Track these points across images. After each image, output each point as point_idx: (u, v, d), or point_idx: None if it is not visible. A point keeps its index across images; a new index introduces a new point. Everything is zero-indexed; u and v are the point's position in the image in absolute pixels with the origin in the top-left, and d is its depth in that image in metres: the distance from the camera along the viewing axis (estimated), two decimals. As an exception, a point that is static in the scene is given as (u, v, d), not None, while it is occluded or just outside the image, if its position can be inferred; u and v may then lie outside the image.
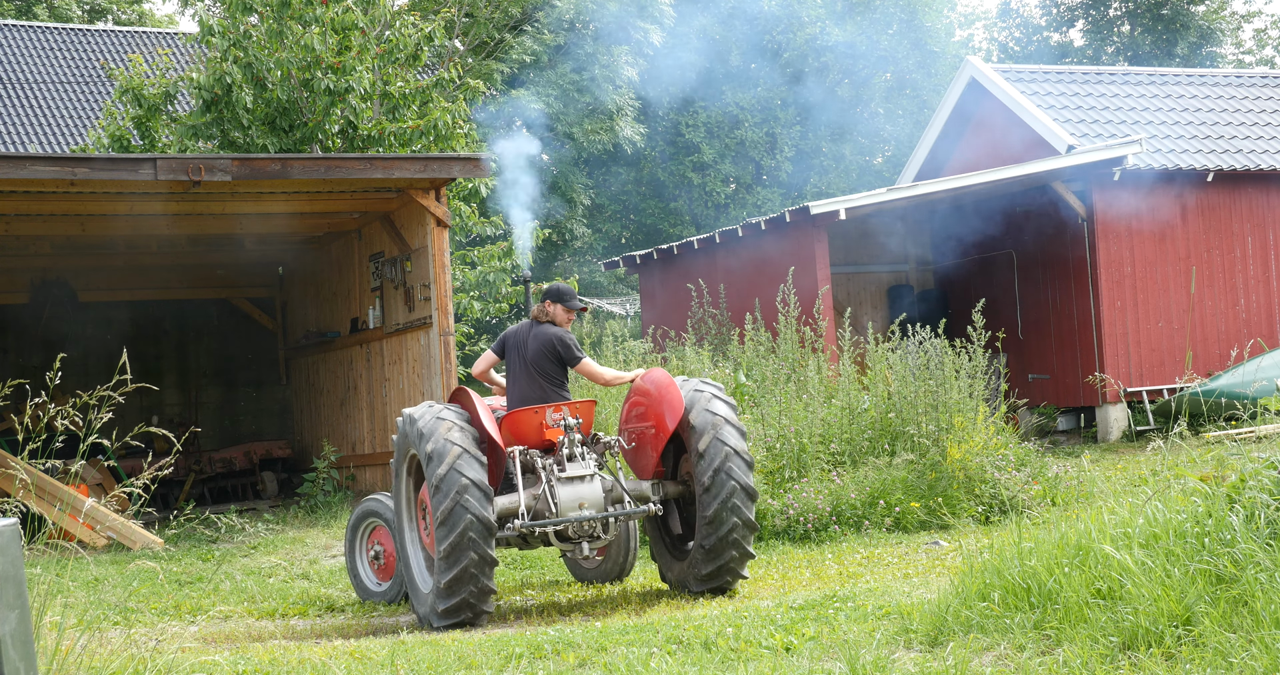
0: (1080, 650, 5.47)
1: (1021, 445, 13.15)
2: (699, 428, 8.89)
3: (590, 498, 8.84)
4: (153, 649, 6.06)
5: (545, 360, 9.24)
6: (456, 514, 8.38)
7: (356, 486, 16.72)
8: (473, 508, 8.38)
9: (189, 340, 20.52)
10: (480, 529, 8.40)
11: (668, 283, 21.77)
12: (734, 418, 8.97)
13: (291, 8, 17.80)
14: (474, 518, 8.38)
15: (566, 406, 9.08)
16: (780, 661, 6.12)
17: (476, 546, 8.40)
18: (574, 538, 8.88)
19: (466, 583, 8.44)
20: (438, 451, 8.50)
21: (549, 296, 9.43)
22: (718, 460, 8.80)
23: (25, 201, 14.62)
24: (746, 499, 8.86)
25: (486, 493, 8.47)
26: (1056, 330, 19.55)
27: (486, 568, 8.46)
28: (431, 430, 8.63)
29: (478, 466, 8.51)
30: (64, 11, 35.58)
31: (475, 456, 8.53)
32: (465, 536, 8.37)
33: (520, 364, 9.26)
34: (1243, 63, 44.18)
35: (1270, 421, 12.15)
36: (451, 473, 8.43)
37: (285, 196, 15.41)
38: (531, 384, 9.21)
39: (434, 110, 18.44)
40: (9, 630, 4.09)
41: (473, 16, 27.68)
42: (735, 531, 8.83)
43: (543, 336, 9.29)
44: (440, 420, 8.66)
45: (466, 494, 8.39)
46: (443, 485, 8.42)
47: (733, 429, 8.91)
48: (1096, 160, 18.31)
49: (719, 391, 9.13)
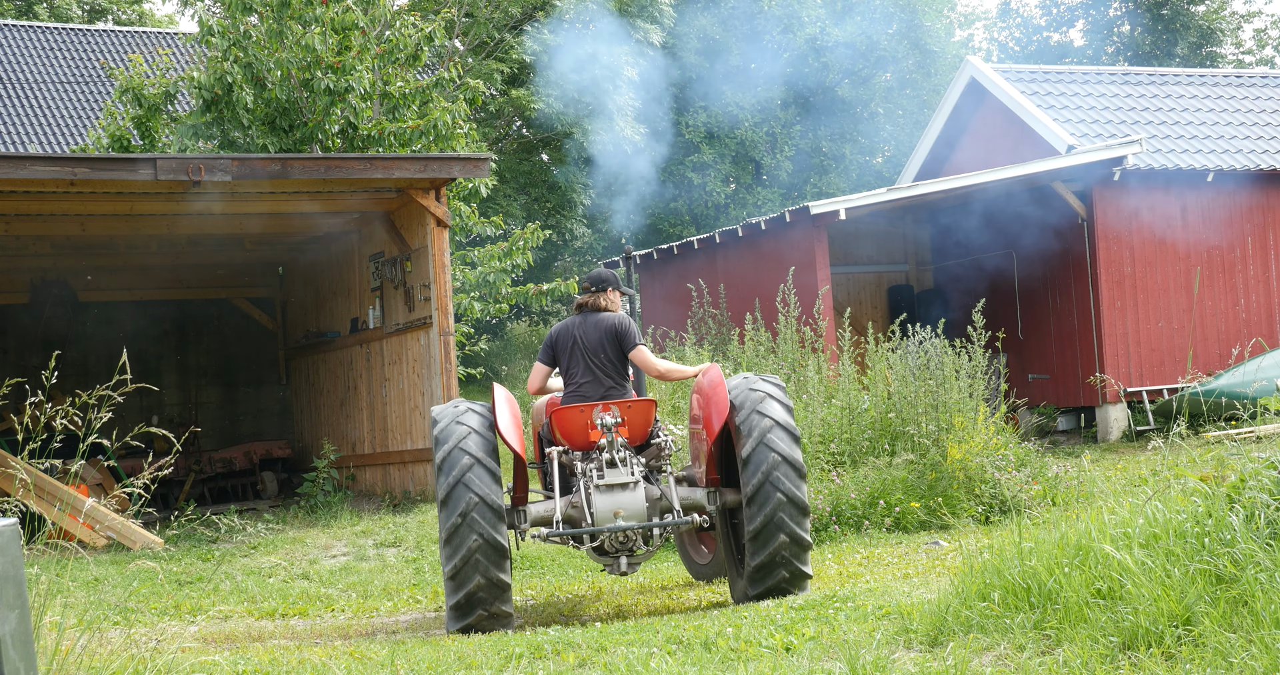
0: (1080, 650, 5.47)
1: (1021, 445, 13.15)
2: (745, 432, 8.12)
3: (630, 507, 8.11)
4: (153, 649, 6.06)
5: (607, 349, 8.59)
6: (462, 533, 7.80)
7: (356, 486, 16.72)
8: (479, 528, 7.78)
9: (189, 340, 20.52)
10: (488, 551, 7.80)
11: (668, 283, 21.78)
12: (788, 421, 8.16)
13: (291, 8, 17.80)
14: (480, 539, 7.78)
15: (617, 405, 8.38)
16: (780, 661, 6.12)
17: (484, 569, 7.81)
18: (609, 551, 8.18)
19: (475, 607, 7.88)
20: (447, 462, 7.94)
21: (598, 283, 8.77)
22: (764, 468, 8.00)
23: (25, 201, 14.62)
24: (796, 513, 8.00)
25: (497, 510, 7.85)
26: (1056, 330, 19.55)
27: (497, 591, 7.85)
28: (446, 436, 8.05)
29: (490, 480, 7.89)
30: (64, 11, 35.58)
31: (489, 468, 7.92)
32: (471, 558, 7.80)
33: (580, 359, 8.58)
34: (1243, 63, 44.17)
35: (1270, 421, 12.15)
36: (459, 487, 7.85)
37: (285, 196, 15.41)
38: (590, 379, 8.55)
39: (434, 110, 18.44)
40: (9, 630, 4.09)
41: (473, 16, 27.69)
42: (784, 549, 8.00)
43: (601, 324, 8.64)
44: (459, 425, 8.08)
45: (474, 512, 7.79)
46: (448, 501, 7.87)
47: (784, 433, 8.10)
48: (1096, 160, 18.32)
49: (776, 391, 8.32)
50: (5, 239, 16.74)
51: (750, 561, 8.06)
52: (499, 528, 7.83)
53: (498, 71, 27.66)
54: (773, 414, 8.13)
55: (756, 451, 8.04)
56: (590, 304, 8.75)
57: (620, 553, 8.15)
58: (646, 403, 8.52)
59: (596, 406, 8.35)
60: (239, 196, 15.01)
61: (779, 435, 8.07)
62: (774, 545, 7.97)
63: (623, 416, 8.36)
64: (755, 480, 8.00)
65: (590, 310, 8.75)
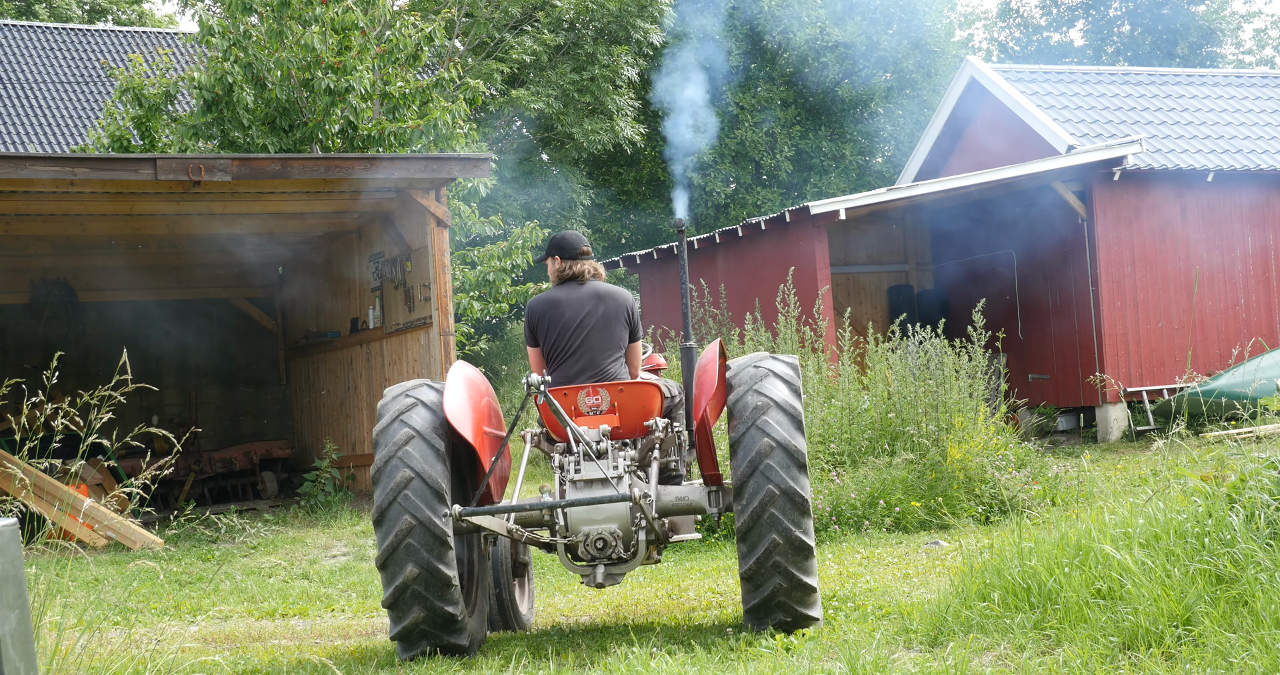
0: (1080, 650, 5.47)
1: (1021, 445, 13.15)
2: (737, 413, 6.85)
3: (610, 509, 6.85)
4: (153, 649, 6.06)
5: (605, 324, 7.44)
6: (393, 514, 6.61)
7: (356, 486, 16.73)
8: (411, 506, 6.56)
9: (189, 340, 20.51)
10: (424, 535, 6.57)
11: (668, 283, 21.77)
12: (789, 402, 6.81)
13: (291, 8, 17.80)
14: (414, 520, 6.55)
15: (606, 388, 7.19)
16: (780, 661, 6.12)
17: (417, 556, 6.57)
18: (583, 557, 6.95)
19: (412, 603, 6.64)
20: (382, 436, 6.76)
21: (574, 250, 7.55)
22: (752, 455, 6.70)
23: (25, 201, 14.62)
24: (792, 509, 6.66)
25: (436, 491, 6.60)
26: (1056, 330, 19.55)
27: (436, 586, 6.59)
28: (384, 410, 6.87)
29: (432, 456, 6.67)
30: (64, 11, 35.57)
31: (431, 444, 6.69)
32: (403, 542, 6.59)
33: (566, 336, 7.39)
34: (1243, 63, 44.17)
35: (1270, 421, 12.15)
36: (393, 462, 6.66)
37: (285, 196, 15.41)
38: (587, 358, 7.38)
39: (434, 110, 18.44)
40: (9, 630, 4.09)
41: (473, 16, 27.68)
42: (777, 552, 6.66)
43: (601, 296, 7.46)
44: (407, 397, 6.88)
45: (407, 489, 6.59)
46: (379, 477, 6.70)
47: (781, 415, 6.76)
48: (1096, 160, 18.32)
49: (783, 369, 7.00)
50: (5, 239, 16.74)
51: (741, 570, 6.80)
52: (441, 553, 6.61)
53: (498, 71, 27.65)
54: (771, 393, 6.82)
55: (747, 435, 6.75)
56: (574, 273, 7.53)
57: (598, 560, 6.89)
58: (644, 386, 7.29)
59: (581, 390, 7.20)
60: (239, 196, 15.01)
61: (775, 416, 6.75)
62: (764, 547, 6.67)
63: (613, 401, 7.19)
64: (743, 469, 6.72)
65: (574, 281, 7.53)
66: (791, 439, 6.73)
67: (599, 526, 6.86)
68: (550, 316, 7.43)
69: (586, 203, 30.61)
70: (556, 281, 7.59)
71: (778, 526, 6.65)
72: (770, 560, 6.69)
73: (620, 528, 6.87)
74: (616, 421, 7.22)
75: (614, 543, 6.86)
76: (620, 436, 7.26)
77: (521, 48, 28.01)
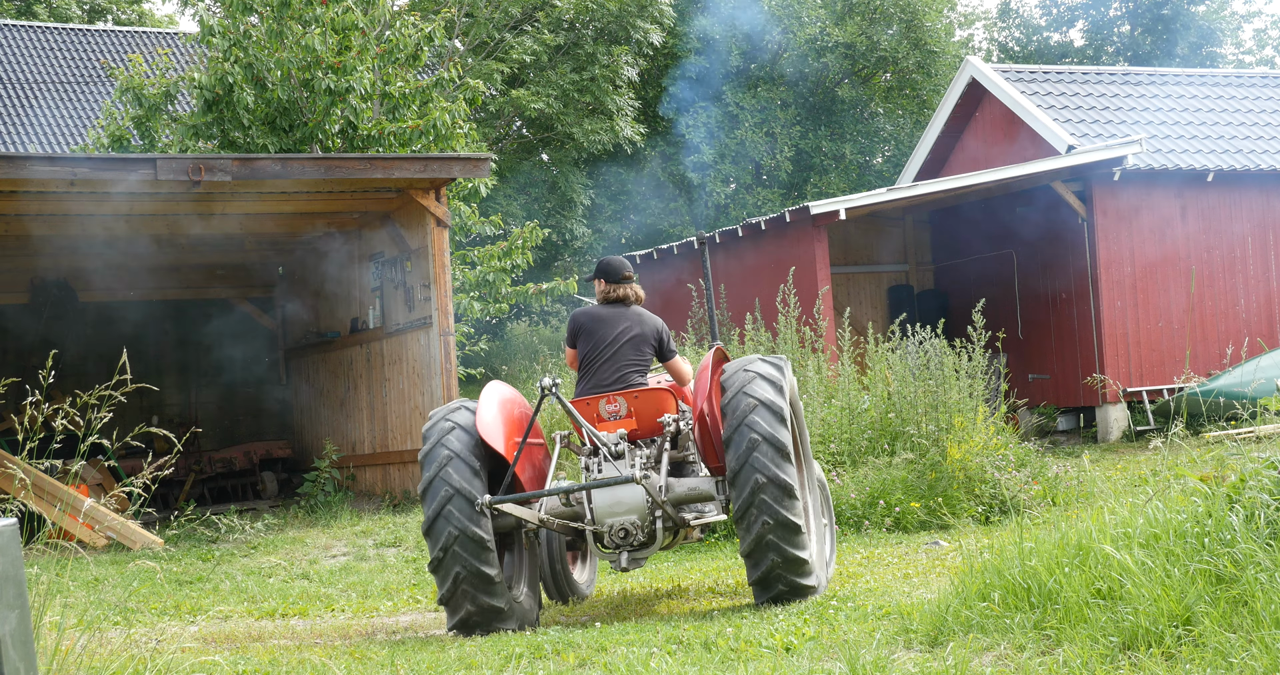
0: (1080, 650, 5.47)
1: (1021, 445, 13.16)
2: (728, 413, 7.78)
3: (629, 501, 7.86)
4: (153, 649, 6.06)
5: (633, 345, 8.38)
6: (439, 526, 7.72)
7: (356, 486, 16.72)
8: (455, 520, 7.66)
9: (189, 340, 20.51)
10: (467, 542, 7.66)
11: (668, 283, 21.77)
12: (773, 400, 7.75)
13: (291, 8, 17.81)
14: (458, 530, 7.66)
15: (622, 396, 8.16)
16: (780, 661, 6.12)
17: (462, 559, 7.68)
18: (608, 545, 7.96)
19: (462, 600, 7.74)
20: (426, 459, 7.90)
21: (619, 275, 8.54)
22: (743, 448, 7.65)
23: (25, 201, 14.61)
24: (780, 495, 7.60)
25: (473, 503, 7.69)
26: (1056, 330, 19.55)
27: (481, 582, 7.69)
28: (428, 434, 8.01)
29: (469, 473, 7.76)
30: (64, 11, 35.57)
31: (467, 463, 7.78)
32: (450, 549, 7.68)
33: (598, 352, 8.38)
34: (1243, 63, 44.17)
35: (1270, 421, 12.15)
36: (436, 481, 7.77)
37: (285, 196, 15.41)
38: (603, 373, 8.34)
39: (434, 110, 18.44)
40: (9, 630, 4.09)
41: (473, 16, 27.68)
42: (771, 534, 7.58)
43: (635, 320, 8.45)
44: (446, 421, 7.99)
45: (449, 504, 7.68)
46: (425, 495, 7.83)
47: (767, 413, 7.69)
48: (1096, 160, 18.33)
49: (769, 370, 7.94)
50: (5, 239, 16.74)
51: (740, 548, 7.78)
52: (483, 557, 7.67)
53: (498, 71, 27.64)
54: (757, 393, 7.75)
55: (737, 432, 7.69)
56: (618, 296, 8.52)
57: (621, 547, 7.94)
58: (657, 392, 8.23)
59: (601, 399, 8.19)
60: (239, 196, 15.01)
61: (761, 415, 7.68)
62: (757, 529, 7.59)
63: (629, 407, 8.16)
64: (735, 463, 7.69)
65: (618, 303, 8.52)
66: (775, 433, 7.67)
67: (621, 518, 7.91)
68: (589, 329, 8.47)
69: (586, 203, 30.60)
70: (600, 301, 8.61)
71: (768, 510, 7.60)
72: (764, 539, 7.63)
73: (639, 518, 7.89)
74: (634, 424, 8.21)
75: (634, 531, 7.91)
76: (639, 437, 8.25)
77: (521, 48, 28.01)
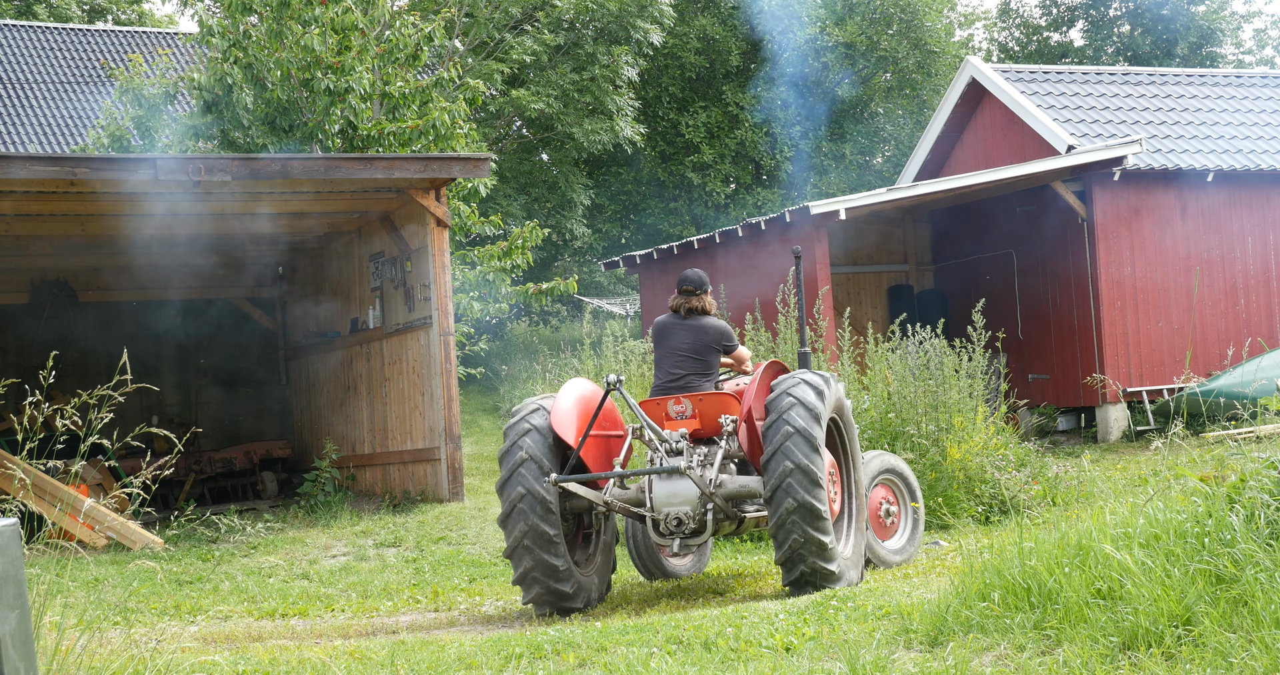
0: (1080, 650, 5.47)
1: (1021, 445, 13.17)
2: (771, 409, 8.66)
3: (685, 493, 8.78)
4: (153, 649, 6.06)
5: (697, 350, 9.38)
6: (513, 519, 8.76)
7: (356, 486, 16.72)
8: (525, 516, 8.71)
9: (189, 340, 20.50)
10: (536, 535, 8.71)
11: (667, 283, 21.76)
12: (811, 401, 8.57)
13: (291, 8, 17.80)
14: (528, 525, 8.71)
15: (688, 398, 9.17)
16: (780, 661, 6.12)
17: (532, 551, 8.72)
18: (663, 532, 8.88)
19: (533, 585, 8.82)
20: (504, 458, 8.90)
21: (696, 285, 9.53)
22: (776, 439, 8.50)
23: (25, 201, 14.61)
24: (806, 481, 8.39)
25: (542, 501, 8.69)
26: (1056, 330, 19.55)
27: (549, 571, 8.72)
28: (507, 433, 8.99)
29: (539, 473, 8.72)
30: (64, 11, 35.56)
31: (539, 463, 8.75)
32: (521, 541, 8.75)
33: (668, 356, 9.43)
34: (1243, 63, 44.16)
35: (1270, 421, 12.15)
36: (512, 480, 8.78)
37: (285, 196, 15.41)
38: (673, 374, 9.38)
39: (433, 110, 18.44)
40: (9, 630, 4.09)
41: (473, 16, 27.66)
42: (794, 513, 8.40)
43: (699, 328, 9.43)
44: (524, 423, 8.95)
45: (521, 503, 8.71)
46: (503, 490, 8.85)
47: (803, 411, 8.53)
48: (1096, 160, 18.32)
49: (814, 378, 8.80)
50: (5, 239, 16.74)
51: (768, 526, 8.63)
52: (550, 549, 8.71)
53: (498, 71, 27.64)
54: (797, 394, 8.58)
55: (773, 427, 8.52)
56: (687, 306, 9.49)
57: (674, 534, 8.81)
58: (719, 396, 9.13)
59: (669, 400, 9.20)
60: (239, 197, 15.00)
61: (797, 412, 8.49)
62: (783, 508, 8.40)
63: (695, 409, 9.13)
64: (769, 451, 8.51)
65: (688, 312, 9.49)
66: (809, 428, 8.45)
67: (676, 507, 8.79)
68: (659, 337, 9.57)
69: (586, 203, 30.59)
70: (672, 310, 9.61)
71: (793, 493, 8.39)
72: (788, 519, 8.42)
73: (692, 509, 8.77)
74: (698, 424, 9.20)
75: (687, 520, 8.77)
76: (703, 436, 9.23)
77: (521, 48, 27.99)
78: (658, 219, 33.50)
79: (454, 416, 14.74)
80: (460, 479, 14.69)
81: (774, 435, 8.53)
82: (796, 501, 8.39)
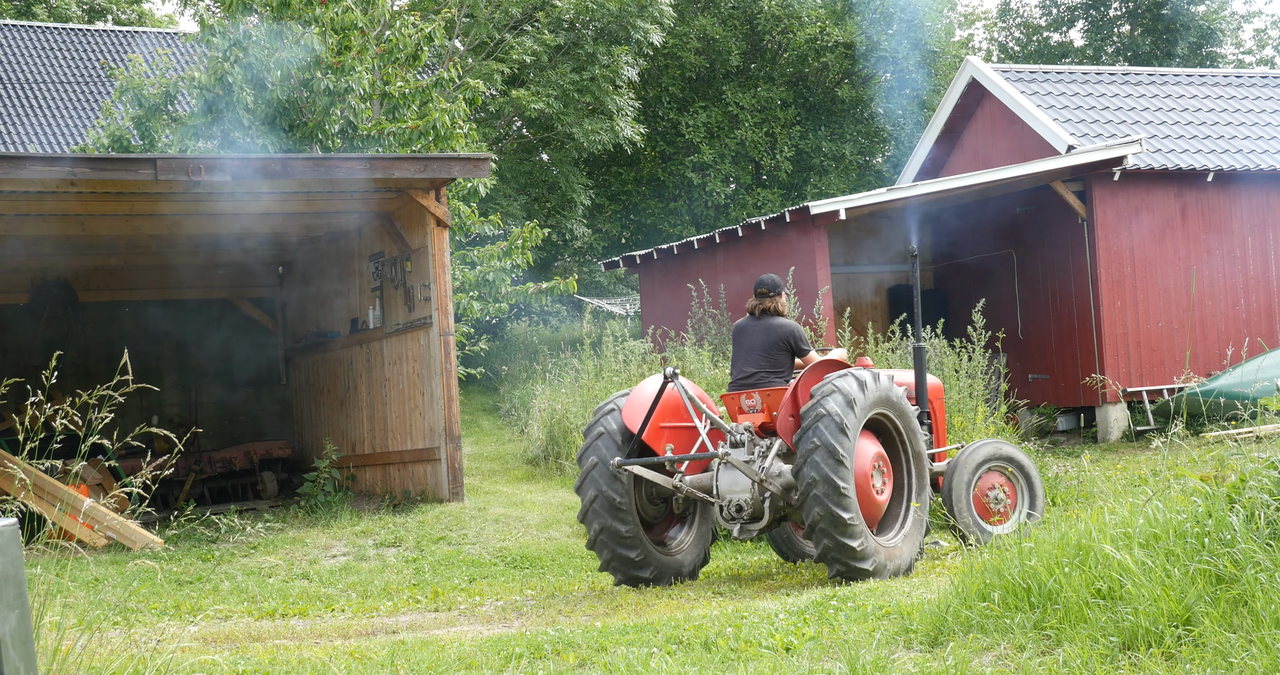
0: (1080, 650, 5.47)
1: (1022, 445, 13.15)
2: (804, 418, 9.18)
3: (745, 483, 9.51)
4: (152, 649, 6.06)
5: (769, 349, 10.00)
6: (590, 517, 9.73)
7: (356, 486, 16.72)
8: (599, 516, 9.64)
9: (189, 340, 20.50)
10: (610, 533, 9.64)
11: (668, 283, 21.76)
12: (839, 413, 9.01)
13: (291, 8, 17.80)
14: (601, 525, 9.65)
15: (758, 393, 9.84)
16: (780, 661, 6.12)
17: (607, 546, 9.68)
18: (724, 517, 9.60)
19: (603, 548, 9.74)
20: (582, 458, 9.82)
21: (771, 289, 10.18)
22: (803, 451, 9.05)
23: (25, 201, 14.61)
24: (830, 490, 8.90)
25: (612, 502, 9.56)
26: (1056, 330, 19.55)
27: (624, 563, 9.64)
28: (587, 432, 9.93)
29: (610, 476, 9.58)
30: (63, 11, 35.56)
31: (613, 438, 9.65)
32: (597, 537, 9.71)
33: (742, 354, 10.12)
34: (1243, 63, 44.15)
35: (1270, 421, 12.14)
36: (588, 480, 9.70)
37: (285, 196, 15.40)
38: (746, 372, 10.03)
39: (433, 110, 18.43)
40: (9, 630, 4.09)
41: (473, 16, 27.66)
42: (815, 488, 8.94)
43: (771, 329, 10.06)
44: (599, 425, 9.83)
45: (595, 503, 9.62)
46: (581, 488, 9.79)
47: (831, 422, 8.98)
48: (1096, 160, 18.32)
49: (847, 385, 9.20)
50: (5, 239, 16.74)
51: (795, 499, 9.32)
52: (620, 517, 9.60)
53: (498, 71, 27.63)
54: (827, 406, 9.07)
55: (803, 439, 9.08)
56: (760, 307, 10.16)
57: (735, 520, 9.55)
58: (779, 392, 9.71)
59: (741, 394, 9.93)
60: (239, 196, 15.00)
61: (825, 424, 8.99)
62: (806, 482, 8.98)
63: (764, 403, 9.80)
64: (800, 433, 9.11)
65: (762, 313, 10.15)
66: (832, 441, 8.93)
67: (737, 495, 9.57)
68: (735, 337, 10.30)
69: (586, 203, 30.58)
70: (749, 311, 10.26)
71: (817, 470, 8.93)
72: (810, 493, 8.96)
73: (750, 498, 9.49)
74: (766, 417, 9.85)
75: (745, 507, 9.49)
76: (772, 429, 9.82)
77: (521, 48, 27.98)
78: (658, 219, 33.48)
79: (454, 416, 14.74)
80: (460, 479, 14.69)
81: (808, 418, 9.07)
82: (823, 511, 8.87)
